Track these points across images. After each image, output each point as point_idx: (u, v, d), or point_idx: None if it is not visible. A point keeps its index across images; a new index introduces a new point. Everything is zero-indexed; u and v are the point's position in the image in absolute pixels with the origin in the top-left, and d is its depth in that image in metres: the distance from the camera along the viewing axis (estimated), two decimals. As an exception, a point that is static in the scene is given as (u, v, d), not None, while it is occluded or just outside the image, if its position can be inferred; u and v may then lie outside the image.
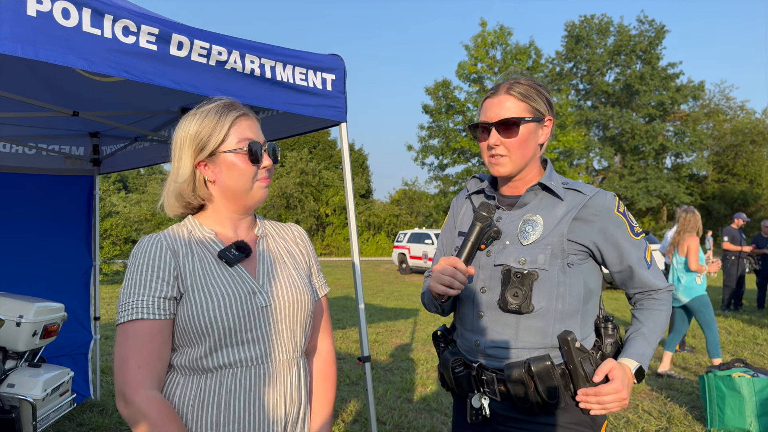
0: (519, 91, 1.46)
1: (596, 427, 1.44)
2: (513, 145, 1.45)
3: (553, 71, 35.27)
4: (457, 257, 1.43)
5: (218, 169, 1.26)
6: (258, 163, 1.27)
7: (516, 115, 1.44)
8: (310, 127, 3.28)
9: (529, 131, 1.46)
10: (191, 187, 1.29)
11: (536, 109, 1.47)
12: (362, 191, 40.91)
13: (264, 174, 1.30)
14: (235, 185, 1.27)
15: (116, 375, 1.15)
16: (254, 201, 1.30)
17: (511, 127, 1.44)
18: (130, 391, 1.12)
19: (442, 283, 1.41)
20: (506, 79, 1.52)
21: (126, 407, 1.12)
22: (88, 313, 4.66)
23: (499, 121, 1.45)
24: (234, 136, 1.26)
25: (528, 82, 1.49)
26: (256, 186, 1.28)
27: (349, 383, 5.30)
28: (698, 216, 5.48)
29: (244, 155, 1.26)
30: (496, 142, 1.45)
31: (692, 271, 5.32)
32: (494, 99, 1.48)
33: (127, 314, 1.16)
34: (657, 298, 1.50)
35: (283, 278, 1.32)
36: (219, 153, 1.25)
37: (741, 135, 35.65)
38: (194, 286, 1.20)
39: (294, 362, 1.31)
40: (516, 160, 1.47)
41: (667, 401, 4.77)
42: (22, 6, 1.70)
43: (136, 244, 1.24)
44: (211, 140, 1.25)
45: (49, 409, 3.26)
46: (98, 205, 4.70)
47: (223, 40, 2.26)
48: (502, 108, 1.45)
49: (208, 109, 1.27)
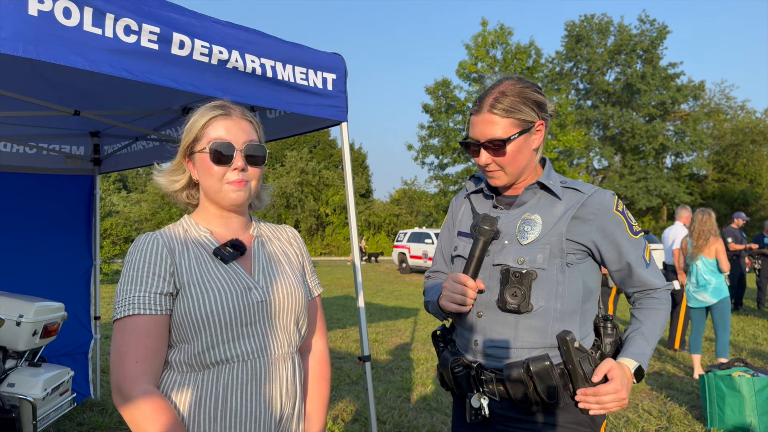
0: (502, 108, 1.41)
1: (595, 426, 1.44)
2: (504, 161, 1.45)
3: (553, 71, 35.23)
4: (464, 274, 1.43)
5: (197, 169, 1.31)
6: (223, 164, 1.26)
7: (502, 135, 1.41)
8: (311, 126, 3.28)
9: (518, 145, 1.44)
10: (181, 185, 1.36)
11: (523, 120, 1.42)
12: (362, 191, 40.92)
13: (235, 176, 1.26)
14: (206, 185, 1.29)
15: (113, 370, 1.15)
16: (227, 202, 1.29)
17: (498, 147, 1.43)
18: (127, 385, 1.12)
19: (454, 302, 1.42)
20: (492, 88, 1.47)
21: (123, 402, 1.13)
22: (89, 312, 4.66)
23: (486, 141, 1.44)
24: (206, 137, 1.28)
25: (513, 91, 1.43)
26: (225, 188, 1.27)
27: (349, 383, 5.31)
28: (713, 216, 5.55)
29: (207, 155, 1.27)
30: (486, 161, 1.46)
31: (721, 273, 5.41)
32: (479, 117, 1.45)
33: (123, 309, 1.17)
34: (656, 297, 1.50)
35: (277, 276, 1.34)
36: (195, 152, 1.29)
37: (741, 134, 35.63)
38: (190, 282, 1.21)
39: (289, 357, 1.32)
40: (511, 173, 1.47)
41: (667, 400, 4.77)
42: (24, 5, 1.70)
43: (133, 242, 1.25)
44: (190, 139, 1.29)
45: (50, 409, 3.27)
46: (98, 204, 4.70)
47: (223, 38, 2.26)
48: (487, 127, 1.43)
49: (198, 110, 1.32)
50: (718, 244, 5.43)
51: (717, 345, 5.39)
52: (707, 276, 5.44)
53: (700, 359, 5.58)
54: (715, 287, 5.41)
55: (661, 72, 33.69)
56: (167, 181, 1.36)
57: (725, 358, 5.33)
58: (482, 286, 1.43)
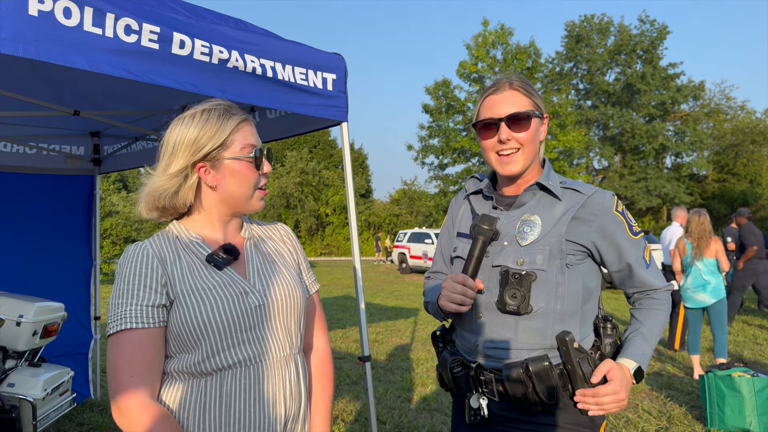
0: (522, 86, 1.47)
1: (595, 427, 1.44)
2: (525, 139, 1.44)
3: (553, 71, 35.23)
4: (463, 274, 1.43)
5: (220, 176, 1.25)
6: (259, 170, 1.29)
7: (525, 109, 1.44)
8: (311, 126, 3.28)
9: (536, 126, 1.47)
10: (174, 191, 1.25)
11: (537, 105, 1.48)
12: (362, 191, 40.90)
13: (263, 181, 1.30)
14: (238, 192, 1.26)
15: (109, 385, 1.15)
16: (251, 209, 1.30)
17: (522, 121, 1.44)
18: (123, 400, 1.12)
19: (454, 302, 1.42)
20: (502, 78, 1.51)
21: (121, 417, 1.12)
22: (89, 312, 4.66)
23: (509, 115, 1.44)
24: (238, 143, 1.25)
25: (525, 80, 1.51)
26: (256, 195, 1.29)
27: (349, 383, 5.30)
28: (708, 216, 5.58)
29: (250, 162, 1.26)
30: (507, 137, 1.44)
31: (721, 273, 5.43)
32: (498, 95, 1.47)
33: (116, 325, 1.15)
34: (656, 297, 1.50)
35: (273, 277, 1.32)
36: (222, 159, 1.24)
37: (741, 135, 35.59)
38: (184, 291, 1.19)
39: (291, 359, 1.31)
40: (528, 155, 1.46)
41: (667, 401, 4.77)
42: (24, 5, 1.70)
43: (122, 254, 1.22)
44: (213, 146, 1.23)
45: (49, 409, 3.27)
46: (98, 204, 4.70)
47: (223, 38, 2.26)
48: (508, 103, 1.45)
49: (208, 113, 1.25)
50: (718, 245, 5.46)
51: (715, 345, 5.38)
52: (707, 276, 5.45)
53: (699, 359, 5.58)
54: (714, 287, 5.41)
55: (661, 72, 33.66)
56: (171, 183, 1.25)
57: (724, 358, 5.33)
58: (481, 285, 1.43)
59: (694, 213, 5.63)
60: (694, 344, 5.58)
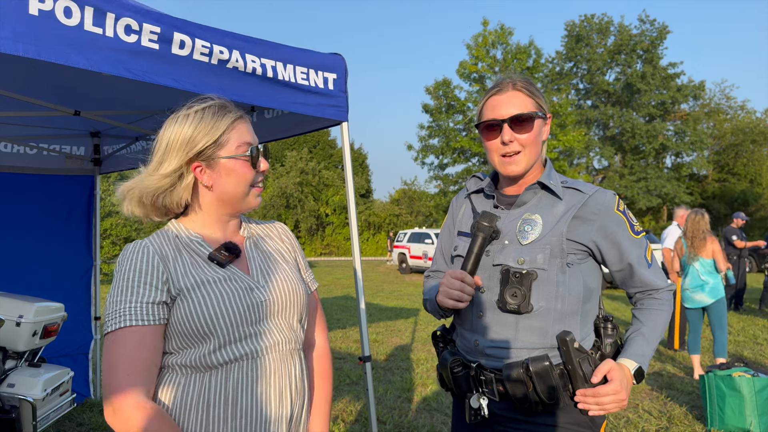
0: (526, 88, 1.47)
1: (595, 427, 1.43)
2: (527, 141, 1.45)
3: (553, 71, 35.22)
4: (462, 270, 1.43)
5: (216, 175, 1.24)
6: (255, 168, 1.28)
7: (528, 110, 1.45)
8: (311, 126, 3.28)
9: (539, 127, 1.47)
10: (167, 190, 1.23)
11: (540, 106, 1.48)
12: (362, 191, 40.88)
13: (260, 179, 1.30)
14: (234, 190, 1.25)
15: (104, 384, 1.11)
16: (247, 207, 1.30)
17: (525, 123, 1.44)
18: (118, 399, 1.08)
19: (451, 298, 1.42)
20: (505, 78, 1.51)
21: (114, 416, 1.08)
22: (89, 312, 4.66)
23: (511, 117, 1.44)
24: (233, 141, 1.24)
25: (528, 80, 1.51)
26: (252, 192, 1.28)
27: (349, 383, 5.30)
28: (707, 217, 5.57)
29: (246, 160, 1.25)
30: (510, 138, 1.44)
31: (719, 273, 5.43)
32: (502, 96, 1.47)
33: (114, 323, 1.12)
34: (657, 297, 1.50)
35: (276, 274, 1.32)
36: (218, 158, 1.23)
37: (741, 134, 35.58)
38: (188, 286, 1.17)
39: (296, 353, 1.31)
40: (530, 156, 1.47)
41: (667, 401, 4.77)
42: (24, 5, 1.69)
43: (121, 252, 1.20)
44: (207, 144, 1.22)
45: (49, 409, 3.26)
46: (98, 204, 4.70)
47: (224, 38, 2.26)
48: (511, 104, 1.45)
49: (202, 112, 1.23)
50: (714, 245, 5.44)
51: (715, 345, 5.38)
52: (705, 276, 5.44)
53: (699, 359, 5.58)
54: (713, 287, 5.41)
55: (661, 72, 33.67)
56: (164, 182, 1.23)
57: (724, 358, 5.33)
58: (480, 282, 1.43)
59: (692, 212, 5.63)
60: (695, 344, 5.58)
